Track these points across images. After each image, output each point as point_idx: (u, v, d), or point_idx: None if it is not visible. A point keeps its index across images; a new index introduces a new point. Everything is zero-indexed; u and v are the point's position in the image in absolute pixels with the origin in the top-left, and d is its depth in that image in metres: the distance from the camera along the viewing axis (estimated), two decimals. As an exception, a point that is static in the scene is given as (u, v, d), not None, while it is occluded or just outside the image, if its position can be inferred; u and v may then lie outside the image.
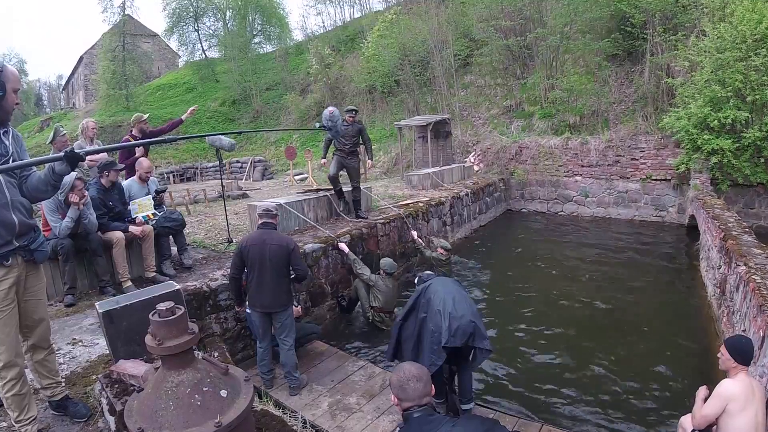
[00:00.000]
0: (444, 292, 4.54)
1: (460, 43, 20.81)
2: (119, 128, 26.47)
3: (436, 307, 4.41)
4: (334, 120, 7.31)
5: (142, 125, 7.17)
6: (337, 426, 4.59)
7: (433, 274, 5.32)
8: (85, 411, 3.36)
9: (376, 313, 7.07)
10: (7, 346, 2.78)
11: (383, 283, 7.13)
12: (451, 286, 4.69)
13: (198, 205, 12.97)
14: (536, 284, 8.89)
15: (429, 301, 4.55)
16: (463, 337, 4.26)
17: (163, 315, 2.15)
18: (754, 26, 10.42)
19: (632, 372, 5.75)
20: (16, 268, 2.80)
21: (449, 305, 4.37)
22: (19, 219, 2.76)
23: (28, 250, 2.84)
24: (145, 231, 5.79)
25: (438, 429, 2.06)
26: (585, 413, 5.07)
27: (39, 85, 75.14)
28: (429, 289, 4.67)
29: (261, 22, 37.44)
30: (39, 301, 3.01)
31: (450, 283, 4.82)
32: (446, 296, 4.47)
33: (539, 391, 5.51)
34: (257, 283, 4.87)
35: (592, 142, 14.33)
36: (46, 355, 3.16)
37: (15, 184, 2.78)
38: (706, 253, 8.66)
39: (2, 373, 2.79)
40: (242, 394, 2.26)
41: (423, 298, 4.65)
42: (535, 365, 6.08)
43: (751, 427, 3.08)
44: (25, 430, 2.96)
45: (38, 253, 2.92)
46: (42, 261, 2.99)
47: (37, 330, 3.02)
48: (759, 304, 4.56)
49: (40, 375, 3.16)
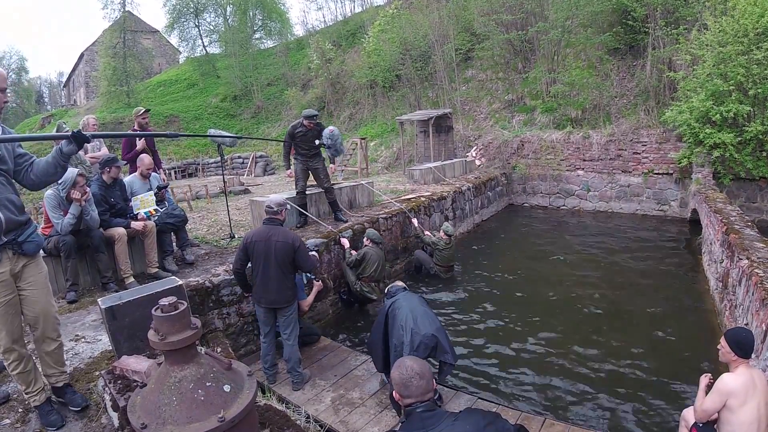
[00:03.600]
0: (408, 308, 4.81)
1: (462, 37, 20.73)
2: (120, 125, 26.51)
3: (400, 323, 4.69)
4: (334, 139, 7.28)
5: (141, 120, 7.13)
6: (340, 421, 4.60)
7: (401, 287, 5.46)
8: (81, 401, 3.41)
9: (364, 283, 7.34)
10: (6, 333, 2.90)
11: (373, 251, 7.38)
12: (416, 303, 4.96)
13: (200, 201, 13.00)
14: (539, 279, 8.89)
15: (394, 317, 4.81)
16: (425, 351, 4.50)
17: (166, 310, 2.16)
18: (756, 20, 10.36)
19: (634, 365, 5.76)
20: (7, 261, 2.86)
21: (410, 321, 4.65)
22: (7, 216, 2.79)
23: (16, 243, 2.88)
24: (147, 227, 5.80)
25: (439, 423, 2.06)
26: (587, 406, 5.08)
27: (40, 82, 75.19)
28: (394, 305, 4.94)
29: (262, 18, 37.35)
30: (39, 291, 3.04)
31: (415, 299, 5.08)
32: (409, 313, 4.74)
33: (542, 384, 5.52)
34: (262, 278, 4.87)
35: (594, 136, 14.28)
36: (55, 348, 3.22)
37: (4, 182, 2.82)
38: (708, 247, 8.65)
39: (5, 355, 2.97)
40: (245, 389, 2.27)
41: (390, 314, 4.91)
42: (537, 358, 6.09)
43: (754, 419, 3.07)
44: (34, 400, 3.16)
45: (27, 245, 2.93)
46: (32, 252, 3.00)
47: (41, 321, 3.07)
48: (761, 298, 4.56)
49: (45, 364, 3.24)
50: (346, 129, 24.30)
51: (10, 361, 2.98)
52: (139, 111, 7.20)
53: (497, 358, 6.16)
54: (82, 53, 48.42)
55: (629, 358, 5.96)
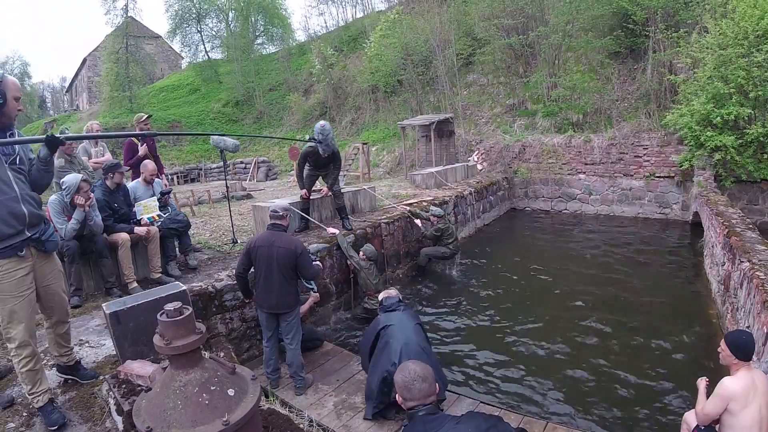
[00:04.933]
0: (403, 340, 4.58)
1: (463, 42, 20.80)
2: (123, 130, 26.54)
3: (392, 357, 4.47)
4: (325, 134, 7.20)
5: (143, 125, 7.19)
6: (342, 425, 4.61)
7: (395, 301, 5.21)
8: (92, 374, 3.79)
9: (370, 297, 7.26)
10: (25, 325, 3.03)
11: (365, 268, 7.31)
12: (410, 332, 4.70)
13: (202, 206, 13.04)
14: (541, 283, 8.89)
15: (386, 344, 4.64)
16: None
17: (171, 315, 2.18)
18: (756, 22, 10.39)
19: (636, 368, 5.75)
20: (29, 258, 3.06)
21: (404, 358, 4.35)
22: (29, 210, 2.99)
23: (39, 241, 3.09)
24: (150, 232, 5.82)
25: (442, 426, 2.08)
26: (590, 410, 5.07)
27: (42, 87, 75.49)
28: (388, 331, 4.75)
29: (263, 23, 37.49)
30: (56, 284, 3.33)
31: (410, 327, 4.80)
32: (404, 347, 4.50)
33: (544, 388, 5.52)
34: (264, 284, 4.89)
35: (596, 139, 14.30)
36: (67, 329, 3.58)
37: (23, 179, 3.01)
38: (710, 249, 8.65)
39: (18, 350, 3.06)
40: (249, 393, 2.29)
41: (381, 336, 4.76)
42: (539, 362, 6.09)
43: (755, 422, 3.08)
44: (37, 401, 3.22)
45: (49, 244, 3.18)
46: (53, 250, 3.27)
47: (57, 309, 3.40)
48: (763, 301, 4.56)
49: (58, 345, 3.57)
50: (348, 134, 24.37)
51: (22, 357, 3.07)
52: (141, 117, 7.26)
53: (499, 361, 6.16)
54: (84, 58, 48.63)
55: (631, 360, 5.96)
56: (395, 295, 5.35)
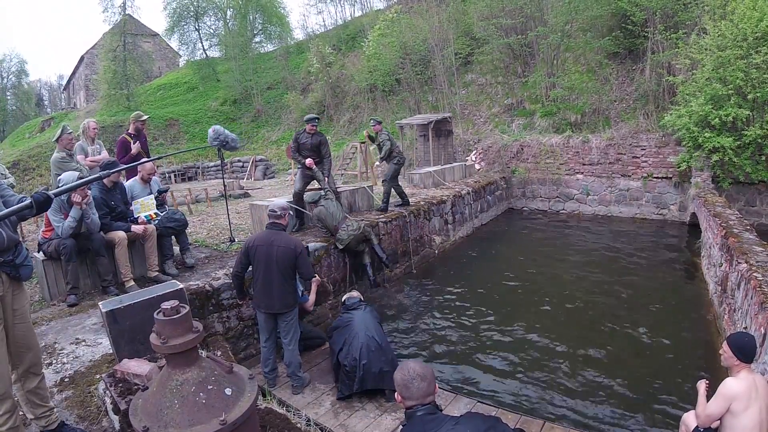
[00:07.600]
0: (363, 337, 5.03)
1: (461, 41, 20.77)
2: (120, 128, 26.43)
3: (353, 353, 4.94)
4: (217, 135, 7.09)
5: (139, 125, 7.22)
6: (339, 424, 4.60)
7: (356, 300, 5.71)
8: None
9: None
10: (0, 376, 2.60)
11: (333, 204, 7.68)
12: (372, 330, 5.16)
13: (200, 205, 13.01)
14: (538, 282, 8.89)
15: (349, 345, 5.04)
16: (374, 384, 4.88)
17: (168, 314, 2.17)
18: (755, 24, 10.40)
19: (633, 369, 5.77)
20: (0, 285, 2.65)
21: (364, 354, 4.91)
22: (8, 234, 2.65)
23: (13, 266, 2.68)
24: (147, 231, 5.81)
25: (440, 427, 2.07)
26: (587, 410, 5.08)
27: (40, 85, 75.05)
28: (349, 328, 5.19)
29: (262, 22, 37.37)
30: (28, 324, 2.84)
31: (372, 326, 5.25)
32: (362, 343, 4.97)
33: (541, 388, 5.52)
34: (263, 284, 4.88)
35: (594, 140, 14.30)
36: (39, 383, 2.96)
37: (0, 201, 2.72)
38: (707, 250, 8.66)
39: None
40: (247, 392, 2.28)
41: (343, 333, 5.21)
42: (536, 362, 6.09)
43: (756, 424, 3.08)
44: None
45: (24, 269, 2.77)
46: (27, 277, 2.83)
47: (28, 356, 2.83)
48: (760, 302, 4.57)
49: (32, 404, 2.96)
50: (346, 133, 24.31)
51: (0, 413, 2.61)
52: (140, 116, 7.28)
53: (496, 361, 6.16)
54: (82, 56, 48.42)
55: (628, 361, 5.97)
56: (357, 295, 5.88)
